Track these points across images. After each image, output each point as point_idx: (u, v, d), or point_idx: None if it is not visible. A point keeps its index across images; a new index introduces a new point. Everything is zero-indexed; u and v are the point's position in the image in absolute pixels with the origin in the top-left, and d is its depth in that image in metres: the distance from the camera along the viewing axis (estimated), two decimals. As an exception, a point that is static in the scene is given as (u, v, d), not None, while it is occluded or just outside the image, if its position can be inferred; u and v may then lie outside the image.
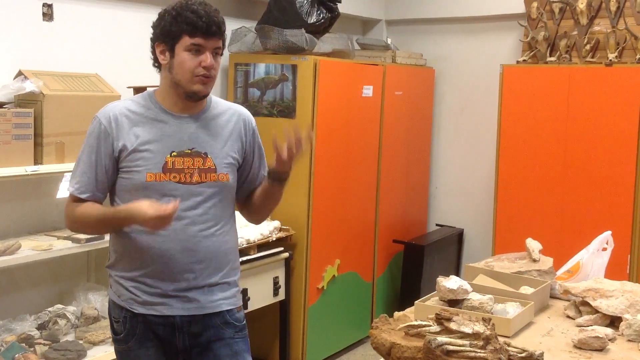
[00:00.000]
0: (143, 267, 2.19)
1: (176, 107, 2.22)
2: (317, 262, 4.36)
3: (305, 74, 4.18)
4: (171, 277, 2.19)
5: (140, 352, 2.23)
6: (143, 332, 2.22)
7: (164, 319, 2.21)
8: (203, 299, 2.22)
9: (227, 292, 2.28)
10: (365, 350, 4.74)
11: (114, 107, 2.24)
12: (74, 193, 2.21)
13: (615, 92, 4.27)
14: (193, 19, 2.11)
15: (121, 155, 2.17)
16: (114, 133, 2.17)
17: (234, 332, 2.28)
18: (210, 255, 2.23)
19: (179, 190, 2.16)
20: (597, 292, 2.41)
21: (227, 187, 2.26)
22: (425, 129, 5.52)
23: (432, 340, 1.82)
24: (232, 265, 2.31)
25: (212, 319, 2.24)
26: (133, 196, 2.16)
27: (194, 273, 2.20)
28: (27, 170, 3.00)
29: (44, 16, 3.50)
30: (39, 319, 3.28)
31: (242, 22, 4.49)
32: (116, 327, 2.28)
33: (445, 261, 5.34)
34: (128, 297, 2.22)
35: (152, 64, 2.27)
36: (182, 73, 2.15)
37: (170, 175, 2.17)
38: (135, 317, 2.22)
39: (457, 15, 5.39)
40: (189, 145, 2.20)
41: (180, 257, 2.18)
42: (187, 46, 2.13)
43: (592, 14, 4.59)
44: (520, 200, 4.62)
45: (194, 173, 2.18)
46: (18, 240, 3.14)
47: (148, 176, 2.15)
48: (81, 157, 2.22)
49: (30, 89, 3.06)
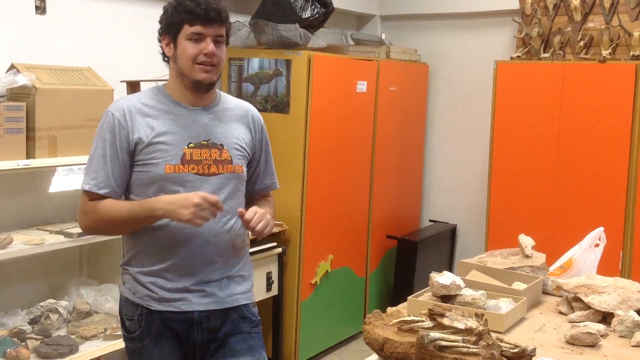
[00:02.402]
0: (164, 262, 2.17)
1: (187, 100, 2.22)
2: (310, 257, 4.36)
3: (299, 69, 4.17)
4: (192, 271, 2.18)
5: (155, 351, 2.21)
6: (159, 330, 2.20)
7: (182, 314, 2.19)
8: (221, 294, 2.22)
9: (242, 285, 2.28)
10: (358, 346, 4.75)
11: (126, 100, 2.24)
12: (91, 190, 2.15)
13: (608, 89, 4.27)
14: (192, 7, 2.13)
15: (137, 148, 2.15)
16: (129, 126, 2.15)
17: (250, 327, 2.29)
18: (229, 247, 2.23)
19: (197, 182, 2.16)
20: (589, 288, 2.42)
21: (242, 178, 2.28)
22: (419, 124, 5.52)
23: (425, 336, 1.82)
24: (246, 260, 2.33)
25: (230, 313, 2.24)
26: (150, 190, 2.15)
27: (213, 266, 2.20)
28: (19, 164, 2.98)
29: (36, 9, 3.48)
30: (30, 313, 3.27)
31: (236, 16, 4.48)
32: (129, 326, 2.24)
33: (438, 257, 5.34)
34: (144, 294, 2.19)
35: (162, 59, 2.28)
36: (185, 62, 2.16)
37: (189, 166, 2.16)
38: (152, 315, 2.19)
39: (452, 11, 5.39)
40: (205, 137, 2.20)
41: (200, 250, 2.18)
42: (188, 35, 2.14)
43: (586, 11, 4.60)
44: (513, 196, 4.63)
45: (211, 164, 2.18)
46: (10, 234, 3.12)
47: (167, 168, 2.14)
48: (94, 152, 2.17)
49: (23, 83, 3.04)
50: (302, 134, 4.20)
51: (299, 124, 4.20)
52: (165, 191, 2.13)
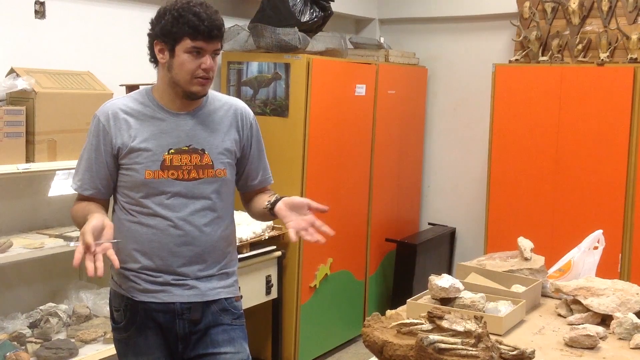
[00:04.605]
0: (146, 261, 2.22)
1: (173, 105, 2.24)
2: (309, 260, 4.36)
3: (298, 73, 4.17)
4: (171, 271, 2.23)
5: (139, 340, 2.26)
6: (143, 320, 2.25)
7: (164, 305, 2.24)
8: (203, 287, 2.26)
9: (225, 281, 2.32)
10: (358, 349, 4.75)
11: (112, 105, 2.27)
12: (77, 190, 2.28)
13: (606, 92, 4.28)
14: (195, 22, 2.11)
15: (120, 153, 2.21)
16: (112, 131, 2.21)
17: (231, 319, 2.32)
18: (210, 249, 2.26)
19: (177, 187, 2.20)
20: (588, 291, 2.42)
21: (225, 182, 2.29)
22: (417, 128, 5.53)
23: (424, 339, 1.82)
24: (230, 257, 2.36)
25: (210, 306, 2.28)
26: (134, 193, 2.21)
27: (193, 266, 2.24)
28: (18, 168, 2.99)
29: (36, 14, 3.49)
30: (30, 317, 3.27)
31: (235, 20, 4.49)
32: (116, 317, 2.31)
33: (437, 260, 5.35)
34: (129, 285, 2.25)
35: (149, 60, 2.27)
36: (182, 74, 2.17)
37: (169, 172, 2.20)
38: (136, 305, 2.25)
39: (450, 15, 5.40)
40: (186, 142, 2.23)
41: (179, 252, 2.22)
42: (187, 48, 2.14)
43: (584, 14, 4.60)
44: (512, 199, 4.64)
45: (191, 169, 2.21)
46: (9, 238, 3.12)
47: (147, 174, 2.19)
48: (83, 155, 2.27)
49: (22, 87, 3.05)
50: (301, 137, 4.20)
51: (298, 127, 4.20)
52: (149, 196, 2.20)
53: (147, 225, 2.21)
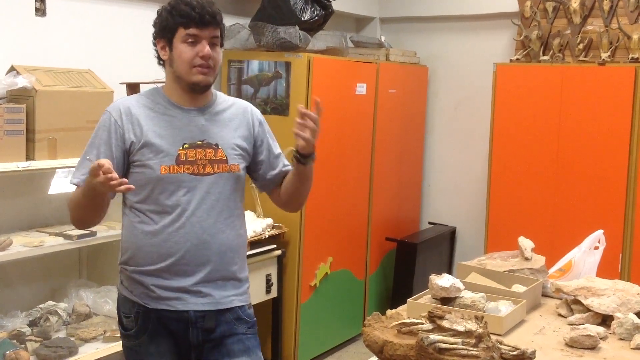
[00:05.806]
0: (160, 262, 2.19)
1: (183, 101, 2.25)
2: (309, 259, 4.35)
3: (298, 72, 4.17)
4: (188, 271, 2.20)
5: (151, 348, 2.23)
6: (155, 328, 2.22)
7: (177, 314, 2.21)
8: (217, 295, 2.24)
9: (239, 288, 2.31)
10: (358, 348, 4.75)
11: (124, 101, 2.28)
12: (78, 185, 2.19)
13: (607, 92, 4.27)
14: (186, 10, 2.15)
15: (132, 148, 2.19)
16: (125, 126, 2.20)
17: (246, 328, 2.31)
18: (225, 247, 2.25)
19: (192, 182, 2.19)
20: (589, 291, 2.42)
21: (239, 177, 2.30)
22: (418, 127, 5.52)
23: (424, 338, 1.82)
24: (243, 260, 2.34)
25: (225, 314, 2.26)
26: (146, 190, 2.19)
27: (209, 266, 2.22)
28: (19, 166, 2.98)
29: (36, 11, 3.48)
30: (30, 315, 3.27)
31: (236, 18, 4.48)
32: (126, 323, 2.27)
33: (437, 259, 5.34)
34: (141, 292, 2.22)
35: (157, 62, 2.30)
36: (181, 65, 2.18)
37: (184, 167, 2.19)
38: (148, 313, 2.22)
39: (451, 14, 5.39)
40: (200, 137, 2.23)
41: (196, 250, 2.20)
42: (183, 37, 2.17)
43: (585, 13, 4.60)
44: (512, 198, 4.63)
45: (206, 164, 2.21)
46: (9, 236, 3.12)
47: (162, 169, 2.17)
48: (88, 149, 2.23)
49: (23, 85, 3.04)
50: (301, 136, 4.19)
51: (299, 126, 4.19)
52: (164, 192, 2.17)
53: (160, 224, 2.18)
